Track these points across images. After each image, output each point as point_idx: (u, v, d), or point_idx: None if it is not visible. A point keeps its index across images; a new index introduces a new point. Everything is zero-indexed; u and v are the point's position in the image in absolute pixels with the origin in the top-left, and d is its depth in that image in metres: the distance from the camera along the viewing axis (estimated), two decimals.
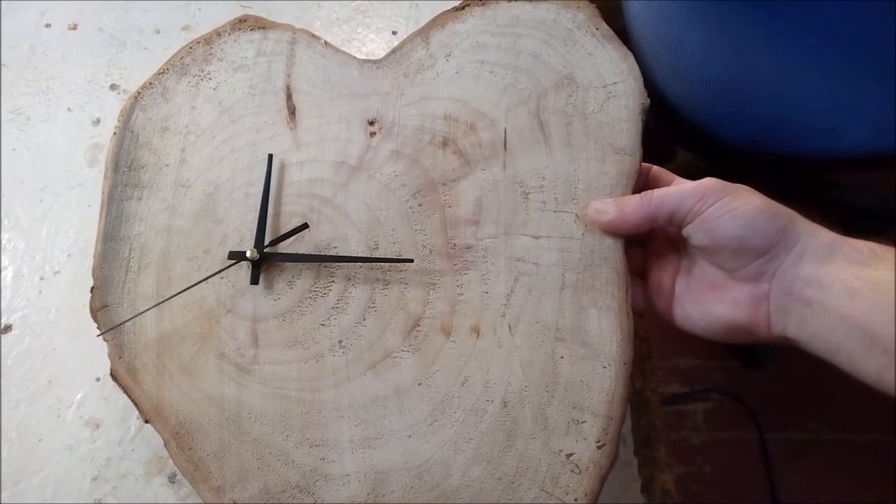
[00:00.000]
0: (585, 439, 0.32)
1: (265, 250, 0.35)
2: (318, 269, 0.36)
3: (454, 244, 0.36)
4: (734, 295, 0.33)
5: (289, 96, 0.39)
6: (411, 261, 0.35)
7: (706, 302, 0.34)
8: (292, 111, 0.39)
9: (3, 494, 0.39)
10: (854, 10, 0.53)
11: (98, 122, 0.51)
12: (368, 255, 0.35)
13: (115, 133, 0.39)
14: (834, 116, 0.57)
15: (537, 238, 0.35)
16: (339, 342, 0.34)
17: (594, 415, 0.32)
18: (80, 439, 0.40)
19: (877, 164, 0.59)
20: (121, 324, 0.35)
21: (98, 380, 0.42)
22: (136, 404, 0.34)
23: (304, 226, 0.36)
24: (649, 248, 0.38)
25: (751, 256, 0.32)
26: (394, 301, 0.35)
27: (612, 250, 0.35)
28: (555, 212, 0.35)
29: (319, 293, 0.35)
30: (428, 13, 0.47)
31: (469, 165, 0.37)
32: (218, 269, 0.35)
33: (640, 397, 0.42)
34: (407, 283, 0.35)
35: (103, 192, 0.38)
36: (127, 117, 0.39)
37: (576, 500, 0.31)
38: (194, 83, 0.40)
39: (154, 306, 0.35)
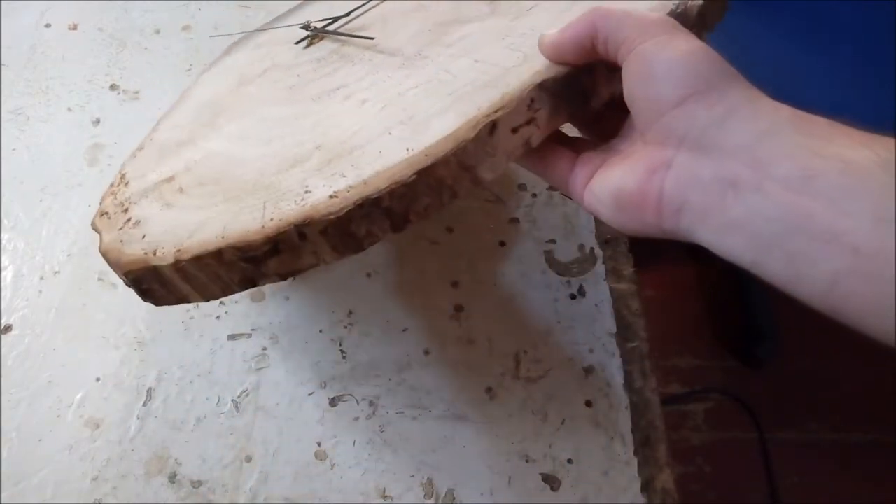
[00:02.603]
0: None
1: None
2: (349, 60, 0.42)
3: (420, 53, 0.38)
4: (634, 159, 0.27)
5: None
6: (372, 38, 0.41)
7: (611, 170, 0.29)
8: None
9: (3, 494, 0.39)
10: (855, 12, 0.53)
11: (98, 121, 0.51)
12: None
13: None
14: (834, 116, 0.57)
15: (477, 62, 0.35)
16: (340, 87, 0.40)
17: None
18: (80, 439, 0.40)
19: None
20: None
21: (98, 380, 0.42)
22: None
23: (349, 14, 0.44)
24: (601, 127, 0.33)
25: (662, 106, 0.26)
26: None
27: (515, 79, 0.31)
28: (511, 49, 0.34)
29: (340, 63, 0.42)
30: None
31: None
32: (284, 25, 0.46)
33: (640, 397, 0.42)
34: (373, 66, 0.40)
35: None
36: None
37: None
38: None
39: (250, 32, 0.47)
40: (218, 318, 0.44)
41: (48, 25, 0.56)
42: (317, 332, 0.44)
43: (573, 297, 0.45)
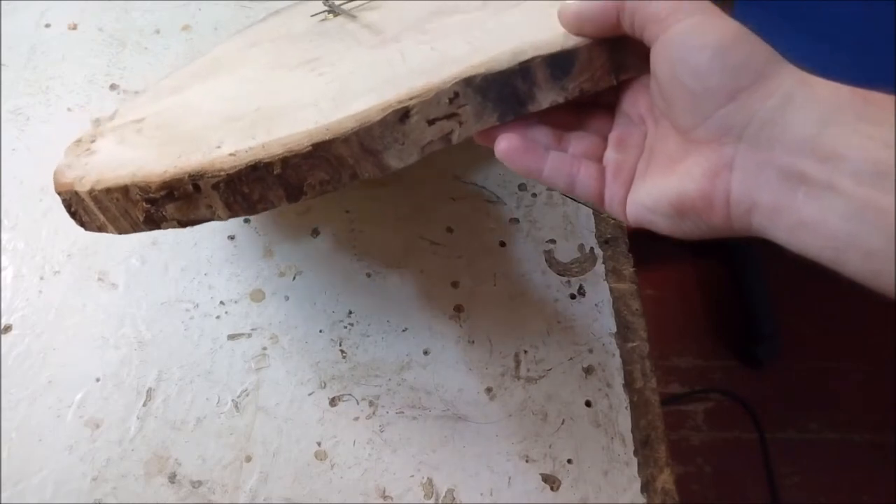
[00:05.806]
0: None
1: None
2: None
3: (396, 37, 0.38)
4: (689, 162, 0.26)
5: None
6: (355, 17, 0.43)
7: (658, 178, 0.27)
8: None
9: (3, 494, 0.39)
10: (857, 18, 0.53)
11: (98, 122, 0.51)
12: None
13: None
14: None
15: (432, 50, 0.34)
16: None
17: None
18: (80, 439, 0.40)
19: None
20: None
21: (98, 380, 0.42)
22: None
23: None
24: (620, 110, 0.31)
25: (712, 102, 0.24)
26: None
27: (447, 70, 0.30)
28: (466, 42, 0.34)
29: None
30: None
31: None
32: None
33: (640, 397, 0.42)
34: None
35: None
36: None
37: None
38: None
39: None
40: (218, 318, 0.44)
41: (48, 25, 0.56)
42: (317, 332, 0.44)
43: (573, 297, 0.45)
